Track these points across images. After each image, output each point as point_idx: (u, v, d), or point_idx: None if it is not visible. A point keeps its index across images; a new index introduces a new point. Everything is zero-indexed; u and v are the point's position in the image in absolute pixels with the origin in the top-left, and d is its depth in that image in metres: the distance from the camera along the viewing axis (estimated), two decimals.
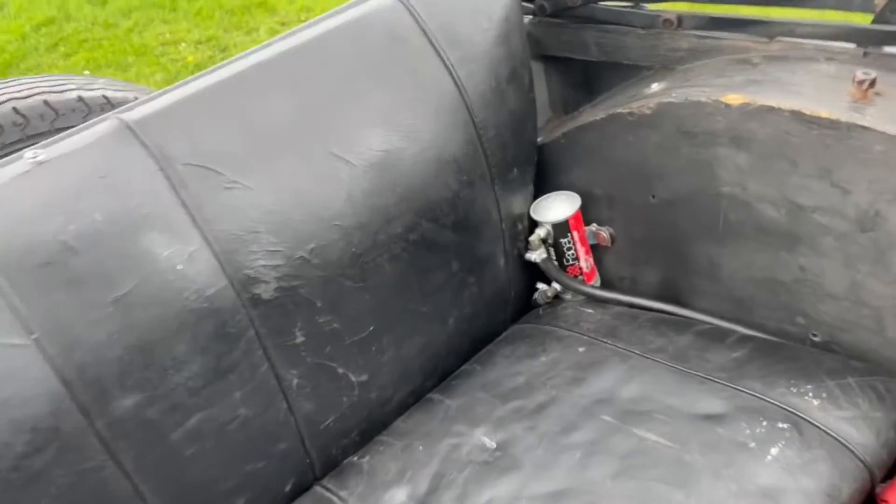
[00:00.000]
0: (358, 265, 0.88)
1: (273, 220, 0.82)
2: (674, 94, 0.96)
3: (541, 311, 1.15)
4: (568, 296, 1.16)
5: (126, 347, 0.72)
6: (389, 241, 0.91)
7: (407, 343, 0.97)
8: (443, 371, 1.04)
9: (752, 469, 0.77)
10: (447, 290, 1.01)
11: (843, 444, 0.78)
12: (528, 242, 1.10)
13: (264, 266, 0.81)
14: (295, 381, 0.86)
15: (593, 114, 1.07)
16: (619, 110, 1.02)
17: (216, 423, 0.80)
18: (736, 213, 0.96)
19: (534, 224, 1.11)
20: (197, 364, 0.77)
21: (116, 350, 0.71)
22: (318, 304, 0.86)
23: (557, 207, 1.10)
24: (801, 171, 0.87)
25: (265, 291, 0.81)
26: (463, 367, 1.06)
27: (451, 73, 0.96)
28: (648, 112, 0.98)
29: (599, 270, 1.18)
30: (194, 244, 0.76)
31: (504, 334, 1.11)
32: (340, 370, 0.90)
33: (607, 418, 0.89)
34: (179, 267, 0.75)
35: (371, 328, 0.92)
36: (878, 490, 0.80)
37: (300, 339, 0.85)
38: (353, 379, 0.92)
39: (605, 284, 1.18)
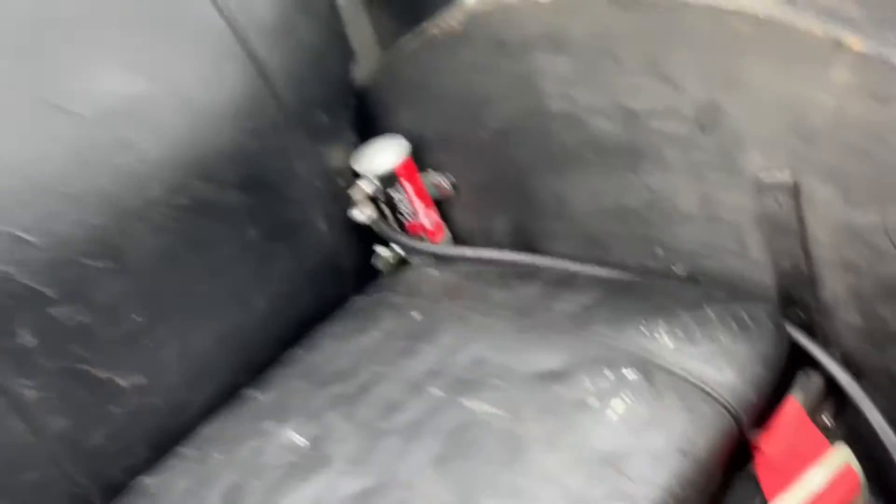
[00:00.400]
0: (102, 241, 0.71)
1: None
2: (482, 1, 0.81)
3: (385, 279, 0.99)
4: (416, 259, 1.00)
5: None
6: (147, 207, 0.74)
7: (197, 334, 0.80)
8: (260, 362, 0.87)
9: (590, 432, 0.62)
10: (246, 265, 0.84)
11: (699, 388, 0.64)
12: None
13: None
14: (32, 395, 0.68)
15: (410, 42, 0.91)
16: (430, 31, 0.86)
17: None
18: (570, 134, 0.81)
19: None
20: None
21: None
22: (49, 294, 0.68)
23: (382, 156, 0.94)
24: (627, 69, 0.72)
25: None
26: (285, 354, 0.89)
27: (213, 1, 0.79)
28: (458, 27, 0.82)
29: (449, 225, 1.02)
30: None
31: (341, 310, 0.95)
32: (101, 374, 0.73)
33: (436, 391, 0.73)
34: None
35: (139, 319, 0.75)
36: (750, 437, 0.66)
37: (29, 340, 0.67)
38: (124, 383, 0.74)
39: (459, 241, 1.03)
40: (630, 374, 0.66)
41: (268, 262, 0.85)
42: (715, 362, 0.66)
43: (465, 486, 0.62)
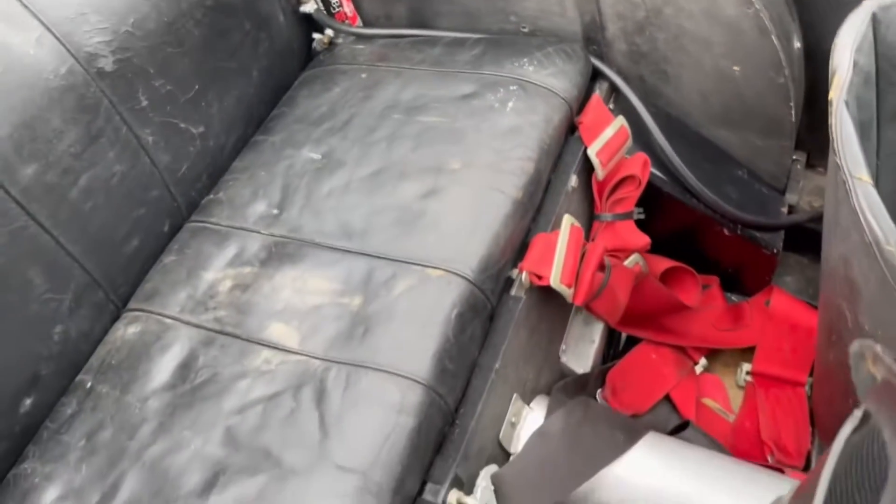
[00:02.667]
0: (172, 32, 1.04)
1: (93, 1, 0.94)
2: None
3: (322, 57, 1.38)
4: (339, 39, 1.40)
5: (13, 125, 0.86)
6: (192, 8, 1.07)
7: (226, 97, 1.17)
8: (258, 118, 1.27)
9: (498, 120, 1.13)
10: (246, 47, 1.20)
11: (551, 91, 1.17)
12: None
13: (99, 43, 0.95)
14: (150, 139, 1.04)
15: None
16: None
17: (101, 180, 0.98)
18: None
19: None
20: (72, 133, 0.92)
21: (7, 129, 0.85)
22: (151, 71, 1.02)
23: None
24: None
25: (106, 65, 0.96)
26: (273, 112, 1.28)
27: None
28: None
29: (360, 14, 1.42)
30: (36, 31, 0.88)
31: (298, 81, 1.34)
32: (182, 125, 1.09)
33: (397, 116, 1.19)
34: (31, 52, 0.87)
35: (196, 87, 1.11)
36: (575, 118, 1.21)
37: (145, 102, 1.02)
38: (194, 131, 1.12)
39: (367, 24, 1.43)
40: (513, 88, 1.17)
41: (257, 45, 1.22)
42: (556, 76, 1.19)
43: (434, 157, 1.11)
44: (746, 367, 1.39)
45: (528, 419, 1.05)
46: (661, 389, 1.31)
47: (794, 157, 1.40)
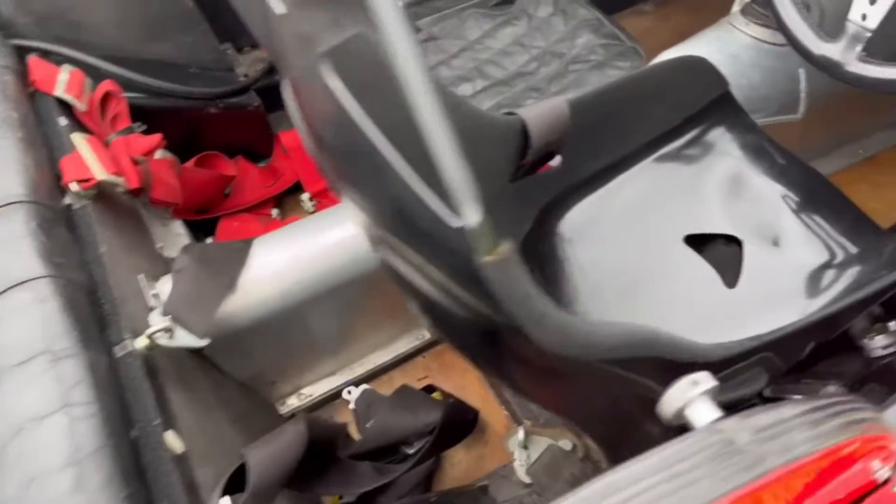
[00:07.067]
0: None
1: None
2: None
3: None
4: None
5: None
6: None
7: None
8: None
9: None
10: None
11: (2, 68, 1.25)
12: None
13: None
14: None
15: None
16: None
17: None
18: None
19: None
20: None
21: None
22: None
23: None
24: None
25: None
26: None
27: None
28: None
29: None
30: None
31: None
32: None
33: None
34: None
35: None
36: (28, 86, 1.32)
37: None
38: None
39: None
40: None
41: None
42: None
43: None
44: (306, 196, 1.69)
45: (165, 290, 1.16)
46: None
47: (224, 47, 1.72)
